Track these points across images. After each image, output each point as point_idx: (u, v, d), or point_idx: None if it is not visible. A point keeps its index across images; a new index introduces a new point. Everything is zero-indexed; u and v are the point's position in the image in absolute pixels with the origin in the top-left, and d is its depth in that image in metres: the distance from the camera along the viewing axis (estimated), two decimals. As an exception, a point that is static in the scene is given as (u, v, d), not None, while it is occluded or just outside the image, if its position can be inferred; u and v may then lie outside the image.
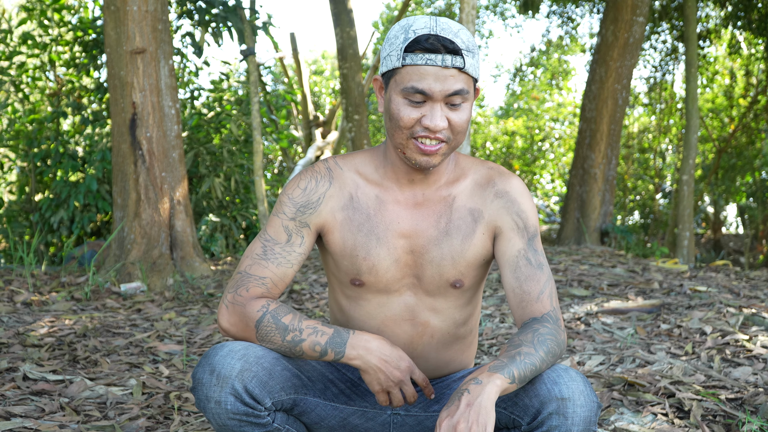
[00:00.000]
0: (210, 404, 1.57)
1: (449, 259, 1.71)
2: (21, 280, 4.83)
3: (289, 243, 1.72)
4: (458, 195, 1.73)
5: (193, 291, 4.84)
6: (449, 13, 14.91)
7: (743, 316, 3.65)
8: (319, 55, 19.46)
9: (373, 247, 1.71)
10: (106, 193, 6.87)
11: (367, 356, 1.60)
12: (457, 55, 1.58)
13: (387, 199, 1.73)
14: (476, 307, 1.84)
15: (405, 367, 1.62)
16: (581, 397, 1.51)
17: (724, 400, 2.47)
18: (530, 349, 1.55)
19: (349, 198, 1.74)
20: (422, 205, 1.72)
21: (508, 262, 1.70)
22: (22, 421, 2.31)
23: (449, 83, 1.58)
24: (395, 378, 1.62)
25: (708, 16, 12.13)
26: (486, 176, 1.76)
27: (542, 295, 1.67)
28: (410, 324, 1.77)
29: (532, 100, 18.20)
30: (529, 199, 1.75)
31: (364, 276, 1.73)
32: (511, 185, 1.75)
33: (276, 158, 13.92)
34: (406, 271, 1.73)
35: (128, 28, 5.05)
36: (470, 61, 1.59)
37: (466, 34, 1.61)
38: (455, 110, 1.61)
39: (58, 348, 3.31)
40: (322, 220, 1.74)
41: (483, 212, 1.73)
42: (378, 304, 1.77)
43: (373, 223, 1.72)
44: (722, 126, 14.24)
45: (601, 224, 8.62)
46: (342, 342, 1.59)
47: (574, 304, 4.20)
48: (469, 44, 1.59)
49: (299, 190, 1.74)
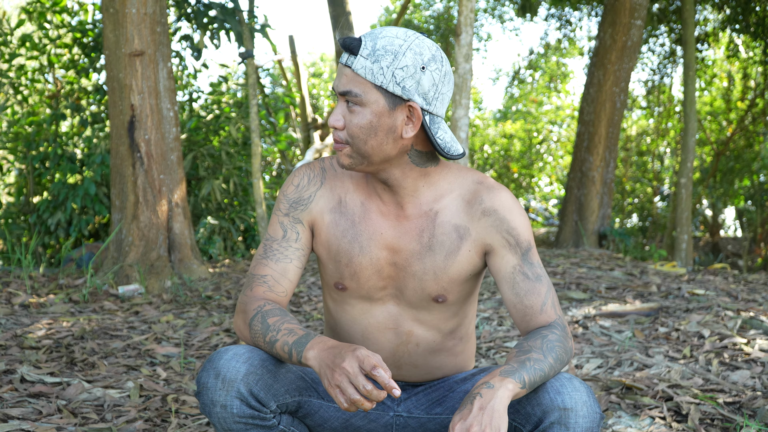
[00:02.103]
0: (216, 408, 1.57)
1: (431, 274, 1.70)
2: (19, 282, 4.83)
3: (285, 239, 1.74)
4: (442, 210, 1.70)
5: (191, 293, 4.83)
6: (447, 16, 14.92)
7: (741, 320, 3.65)
8: (317, 57, 19.47)
9: (355, 254, 1.71)
10: (104, 196, 6.87)
11: (320, 355, 1.51)
12: (353, 55, 1.57)
13: (371, 209, 1.72)
14: (465, 317, 1.83)
15: (350, 357, 1.46)
16: (584, 408, 1.51)
17: (722, 403, 2.47)
18: (539, 355, 1.54)
19: (338, 201, 1.75)
20: (405, 219, 1.71)
21: (505, 279, 1.68)
22: (19, 423, 2.31)
23: (342, 81, 1.59)
24: (339, 370, 1.45)
25: (706, 20, 12.15)
26: (473, 192, 1.71)
27: (545, 306, 1.66)
28: (393, 332, 1.77)
29: (530, 103, 18.21)
30: (518, 214, 1.70)
31: (346, 281, 1.74)
32: (500, 201, 1.69)
33: (274, 161, 13.92)
34: (388, 282, 1.73)
35: (127, 31, 5.05)
36: (366, 65, 1.56)
37: (389, 42, 1.57)
38: (351, 112, 1.60)
39: (55, 350, 3.31)
40: (312, 218, 1.75)
41: (470, 229, 1.69)
42: (361, 310, 1.77)
43: (357, 230, 1.72)
44: (720, 129, 14.25)
45: (599, 227, 8.63)
46: (304, 343, 1.54)
47: (572, 307, 4.20)
48: (379, 50, 1.56)
49: (292, 187, 1.77)
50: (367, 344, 1.79)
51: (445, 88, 1.62)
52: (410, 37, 1.59)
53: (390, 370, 1.82)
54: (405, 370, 1.82)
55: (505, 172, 16.67)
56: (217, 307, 4.48)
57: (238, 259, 6.69)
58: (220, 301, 4.61)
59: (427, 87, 1.59)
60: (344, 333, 1.81)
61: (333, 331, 1.86)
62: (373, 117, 1.59)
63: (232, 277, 5.44)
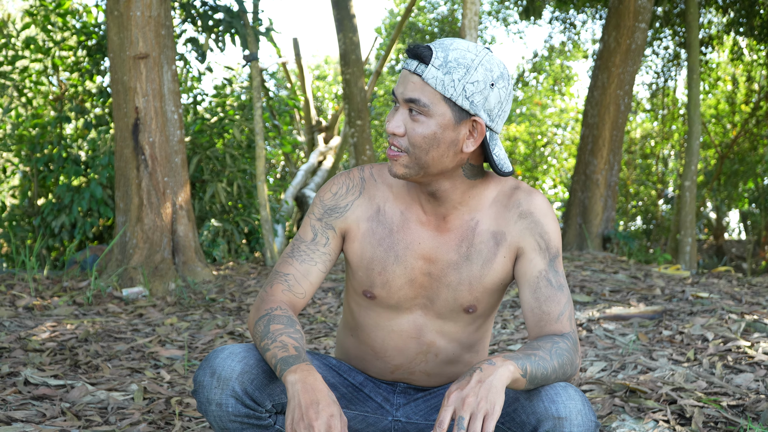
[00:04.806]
0: (211, 407, 1.58)
1: (467, 284, 1.71)
2: (23, 285, 4.83)
3: (314, 242, 1.74)
4: (482, 219, 1.71)
5: (195, 296, 4.84)
6: (451, 18, 14.93)
7: (745, 323, 3.64)
8: (322, 60, 19.49)
9: (390, 263, 1.71)
10: (108, 199, 6.88)
11: (298, 386, 1.48)
12: (424, 64, 1.56)
13: (411, 218, 1.72)
14: (486, 333, 1.83)
15: (324, 420, 1.44)
16: (578, 417, 1.50)
17: (725, 406, 2.47)
18: (546, 355, 1.54)
19: (376, 210, 1.74)
20: (444, 229, 1.71)
21: (528, 282, 1.68)
22: (23, 426, 2.32)
23: (408, 88, 1.57)
24: (307, 421, 1.44)
25: (710, 23, 12.14)
26: (510, 196, 1.72)
27: (562, 316, 1.65)
28: (415, 342, 1.77)
29: (534, 105, 18.21)
30: (552, 219, 1.72)
31: (376, 290, 1.73)
32: (536, 205, 1.71)
33: (278, 163, 13.94)
34: (419, 292, 1.73)
35: (131, 33, 5.06)
36: (437, 76, 1.55)
37: (461, 54, 1.56)
38: (414, 120, 1.58)
39: (59, 353, 3.31)
40: (347, 226, 1.75)
41: (506, 234, 1.70)
42: (386, 318, 1.77)
43: (395, 239, 1.72)
44: (724, 132, 14.24)
45: (603, 230, 8.62)
46: (291, 363, 1.52)
47: (576, 310, 4.20)
48: (451, 61, 1.55)
49: (330, 194, 1.77)
50: (386, 349, 1.79)
51: (508, 106, 1.63)
52: (481, 52, 1.59)
53: (397, 374, 1.83)
54: (417, 376, 1.83)
55: (509, 175, 16.64)
56: (221, 309, 4.49)
57: (242, 262, 6.69)
58: (224, 304, 4.61)
59: (493, 104, 1.59)
60: (364, 336, 1.81)
61: (352, 332, 1.85)
62: (438, 128, 1.58)
63: (236, 280, 5.44)
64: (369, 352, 1.82)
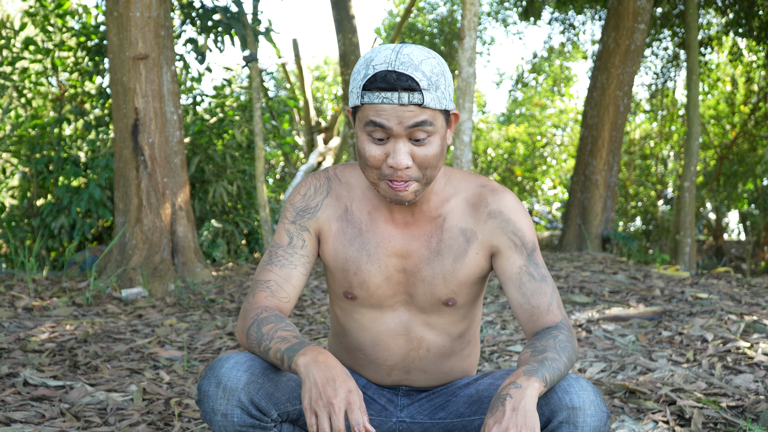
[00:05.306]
0: (216, 417, 1.57)
1: (441, 279, 1.71)
2: (22, 285, 4.83)
3: (291, 245, 1.74)
4: (449, 215, 1.72)
5: (195, 297, 4.84)
6: (451, 19, 14.94)
7: (745, 324, 3.64)
8: (321, 61, 19.49)
9: (364, 263, 1.72)
10: (107, 199, 6.87)
11: (311, 366, 1.46)
12: (415, 92, 1.51)
13: (379, 218, 1.73)
14: (473, 320, 1.84)
15: (343, 396, 1.43)
16: (592, 407, 1.51)
17: (725, 407, 2.47)
18: (555, 354, 1.55)
19: (344, 210, 1.74)
20: (413, 225, 1.71)
21: (511, 280, 1.69)
22: (22, 426, 2.31)
23: (407, 118, 1.53)
24: (326, 399, 1.43)
25: (709, 23, 12.14)
26: (478, 195, 1.72)
27: (551, 306, 1.67)
28: (405, 339, 1.77)
29: (533, 106, 18.21)
30: (523, 215, 1.72)
31: (355, 290, 1.74)
32: (504, 203, 1.71)
33: (278, 164, 13.94)
34: (398, 289, 1.74)
35: (131, 34, 5.07)
36: (432, 96, 1.53)
37: (430, 65, 1.53)
38: (420, 145, 1.56)
39: (58, 353, 3.31)
40: (319, 226, 1.75)
41: (476, 232, 1.71)
42: (371, 318, 1.77)
43: (365, 239, 1.72)
44: (724, 133, 14.24)
45: (602, 231, 8.62)
46: (297, 350, 1.51)
47: (576, 311, 4.20)
48: (432, 77, 1.53)
49: (299, 196, 1.77)
50: (377, 351, 1.79)
51: None
52: (428, 51, 1.57)
53: (394, 377, 1.83)
54: (414, 375, 1.83)
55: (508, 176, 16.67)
56: (220, 310, 4.49)
57: (241, 263, 6.69)
58: (223, 305, 4.61)
59: (451, 89, 1.60)
60: (353, 341, 1.81)
61: (340, 339, 1.85)
62: (440, 141, 1.59)
63: (236, 281, 5.44)
64: (361, 357, 1.82)
